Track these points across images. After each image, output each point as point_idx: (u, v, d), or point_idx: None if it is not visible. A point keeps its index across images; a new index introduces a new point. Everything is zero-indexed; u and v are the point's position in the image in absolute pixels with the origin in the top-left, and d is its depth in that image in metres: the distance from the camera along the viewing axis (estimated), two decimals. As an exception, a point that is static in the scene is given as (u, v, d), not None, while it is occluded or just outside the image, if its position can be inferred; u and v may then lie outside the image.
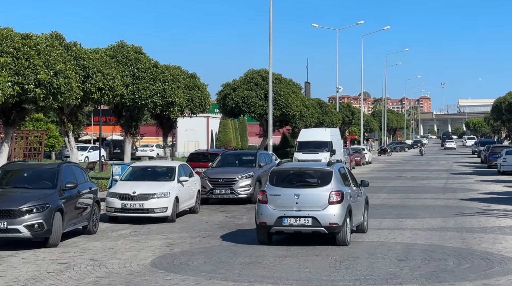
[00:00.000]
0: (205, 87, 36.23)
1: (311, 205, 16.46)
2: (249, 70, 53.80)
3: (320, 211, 16.34)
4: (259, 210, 16.85)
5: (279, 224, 16.47)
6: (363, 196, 19.07)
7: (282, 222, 16.44)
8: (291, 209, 16.48)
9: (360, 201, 18.48)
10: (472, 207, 25.76)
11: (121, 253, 15.62)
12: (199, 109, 35.54)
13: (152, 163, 25.49)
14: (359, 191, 18.56)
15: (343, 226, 16.37)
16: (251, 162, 28.62)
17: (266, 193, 16.90)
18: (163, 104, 30.85)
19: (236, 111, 52.35)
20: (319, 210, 16.36)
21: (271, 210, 16.59)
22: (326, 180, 16.88)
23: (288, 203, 16.55)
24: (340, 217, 16.33)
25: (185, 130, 66.44)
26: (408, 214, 23.76)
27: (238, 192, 26.73)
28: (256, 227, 17.13)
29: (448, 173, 50.09)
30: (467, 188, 35.39)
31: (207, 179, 26.90)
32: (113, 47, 30.68)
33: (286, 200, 16.59)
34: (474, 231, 19.19)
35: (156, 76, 30.58)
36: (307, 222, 16.34)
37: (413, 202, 28.21)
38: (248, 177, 27.08)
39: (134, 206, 20.87)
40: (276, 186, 17.00)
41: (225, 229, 19.94)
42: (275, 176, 17.33)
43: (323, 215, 16.28)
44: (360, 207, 18.39)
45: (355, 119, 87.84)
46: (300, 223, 16.39)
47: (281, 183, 17.10)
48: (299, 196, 16.52)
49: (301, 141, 46.56)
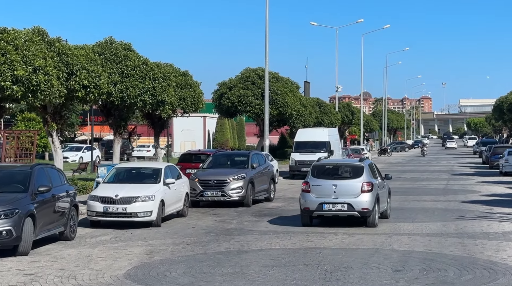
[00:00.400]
0: (197, 86, 35.10)
1: (346, 193, 19.72)
2: (245, 69, 52.76)
3: (354, 198, 19.66)
4: (303, 197, 20.24)
5: (320, 209, 19.84)
6: (387, 187, 22.17)
7: (323, 207, 19.78)
8: (330, 196, 19.77)
9: (385, 191, 21.66)
10: (473, 210, 24.65)
11: (95, 262, 14.48)
12: (192, 109, 34.41)
13: (137, 164, 24.34)
14: (383, 183, 21.67)
15: (372, 211, 19.73)
16: (244, 163, 27.50)
17: (309, 183, 20.12)
18: (153, 103, 29.71)
19: (232, 110, 51.26)
20: (353, 197, 19.67)
21: (313, 198, 19.92)
22: (358, 173, 20.13)
23: (327, 191, 19.82)
24: (370, 203, 19.64)
25: (182, 130, 65.38)
26: (407, 217, 22.63)
27: (230, 194, 25.63)
28: (300, 212, 20.48)
29: (449, 173, 48.98)
30: (468, 190, 34.26)
31: (197, 180, 25.80)
32: (101, 44, 29.55)
33: (326, 189, 19.87)
34: (476, 237, 18.06)
35: (146, 74, 29.45)
36: (343, 207, 19.68)
37: (412, 204, 27.08)
38: (240, 178, 25.97)
39: (116, 210, 19.74)
40: (317, 178, 20.23)
41: (212, 234, 18.81)
42: (316, 170, 20.56)
43: (356, 202, 19.61)
44: (385, 195, 21.58)
45: (355, 119, 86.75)
46: (338, 208, 19.75)
47: (321, 175, 20.32)
48: (337, 186, 19.86)
49: (298, 141, 45.41)
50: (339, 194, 19.75)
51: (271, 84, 50.64)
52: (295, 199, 29.31)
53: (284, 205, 26.97)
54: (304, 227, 20.09)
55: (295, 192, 33.05)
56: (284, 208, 25.89)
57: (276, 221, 21.74)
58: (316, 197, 19.91)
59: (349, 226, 19.91)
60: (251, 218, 22.77)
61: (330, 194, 19.78)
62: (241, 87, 50.90)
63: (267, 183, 28.38)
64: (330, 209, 19.77)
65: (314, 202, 19.85)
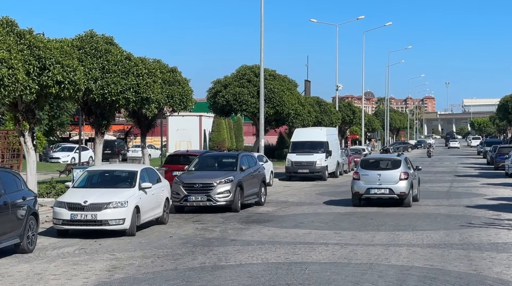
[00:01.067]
0: (187, 83, 33.14)
1: (388, 180, 25.50)
2: (241, 66, 50.78)
3: (394, 184, 25.39)
4: (354, 184, 25.87)
5: (368, 192, 25.63)
6: (417, 176, 28.08)
7: (370, 191, 25.58)
8: (375, 183, 25.54)
9: (416, 179, 27.57)
10: (479, 216, 22.74)
11: (45, 282, 12.60)
12: (180, 107, 32.48)
13: (111, 166, 22.40)
14: (415, 173, 27.59)
15: (408, 194, 25.54)
16: (232, 165, 25.59)
17: (359, 173, 25.86)
18: (136, 100, 27.74)
19: (227, 109, 49.28)
20: (393, 184, 25.40)
21: (362, 184, 25.66)
22: (397, 165, 26.06)
23: (373, 179, 25.61)
24: (406, 188, 25.43)
25: (177, 130, 63.40)
26: (407, 225, 20.74)
27: (216, 199, 23.74)
28: (352, 195, 26.22)
29: (453, 175, 47.05)
30: (473, 193, 32.35)
31: (181, 184, 23.93)
32: (81, 37, 27.64)
33: (372, 177, 25.65)
34: (484, 249, 16.15)
35: (129, 70, 27.48)
36: (385, 191, 25.43)
37: (413, 209, 25.19)
38: (227, 182, 24.07)
39: (85, 217, 17.85)
40: (365, 169, 26.11)
41: (189, 245, 16.93)
42: (364, 163, 26.82)
43: (396, 187, 25.34)
44: (416, 183, 27.37)
45: (356, 118, 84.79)
46: (381, 192, 25.54)
47: (368, 167, 26.30)
48: (380, 175, 25.66)
49: (295, 141, 43.47)
50: (382, 181, 25.56)
51: (268, 82, 48.73)
52: (288, 203, 27.46)
53: (275, 210, 25.08)
54: (292, 237, 18.22)
55: (289, 195, 31.19)
56: (275, 214, 24.00)
57: (263, 229, 19.85)
58: (364, 183, 25.69)
59: (389, 206, 25.65)
60: (237, 225, 20.90)
61: (375, 181, 25.61)
62: (236, 85, 48.94)
63: (258, 186, 26.49)
64: (375, 193, 25.64)
65: (363, 187, 25.65)
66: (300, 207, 26.35)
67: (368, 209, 25.13)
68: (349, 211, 24.68)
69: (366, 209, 25.28)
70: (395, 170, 25.75)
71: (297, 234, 18.84)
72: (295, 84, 53.29)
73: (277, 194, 32.37)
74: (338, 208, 25.68)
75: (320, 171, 41.85)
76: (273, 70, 51.68)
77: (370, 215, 23.38)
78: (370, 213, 23.85)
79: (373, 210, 24.93)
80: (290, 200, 29.10)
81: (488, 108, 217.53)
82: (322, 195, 31.68)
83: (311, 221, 21.85)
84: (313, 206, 26.74)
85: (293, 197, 30.72)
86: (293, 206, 26.76)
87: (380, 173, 25.79)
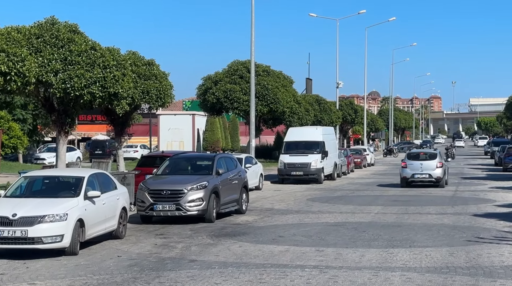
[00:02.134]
0: (165, 77, 30.09)
1: (428, 168, 34.63)
2: (233, 61, 47.92)
3: (432, 171, 34.57)
4: (402, 171, 35.23)
5: (412, 177, 34.78)
6: (447, 166, 37.56)
7: (414, 176, 34.72)
8: (418, 170, 34.68)
9: (447, 168, 36.67)
10: (489, 228, 19.67)
11: None
12: (157, 103, 29.44)
13: (54, 172, 19.26)
14: (446, 163, 38.89)
15: (443, 178, 34.77)
16: (208, 169, 22.48)
17: (406, 162, 35.07)
18: (103, 96, 24.69)
19: (217, 107, 46.36)
20: (432, 170, 34.56)
21: (408, 171, 34.87)
22: (435, 156, 35.27)
23: (416, 167, 34.76)
24: (441, 174, 34.59)
25: (169, 129, 60.38)
26: (404, 239, 17.68)
27: (187, 208, 20.66)
28: (400, 179, 35.62)
29: (459, 177, 43.94)
30: (481, 198, 29.28)
31: (146, 190, 20.89)
32: (40, 25, 24.63)
33: (416, 166, 34.83)
34: (495, 275, 13.07)
35: (94, 61, 24.45)
36: (426, 176, 34.66)
37: (412, 218, 22.14)
38: (200, 188, 20.99)
39: (13, 234, 14.76)
40: (410, 160, 35.23)
41: (136, 269, 13.88)
42: (409, 155, 36.20)
43: (434, 173, 34.59)
44: (447, 171, 36.57)
45: (358, 118, 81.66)
46: (423, 177, 34.66)
47: (412, 158, 35.50)
48: (422, 164, 34.79)
49: (288, 141, 40.39)
50: (424, 169, 34.80)
51: (261, 78, 45.80)
52: (272, 211, 24.46)
53: (255, 220, 22.02)
54: (264, 257, 15.16)
55: (277, 201, 28.16)
56: (254, 224, 20.93)
57: (234, 245, 16.79)
58: (410, 170, 34.95)
59: (428, 187, 34.73)
60: (205, 239, 17.86)
61: (418, 169, 34.84)
62: (227, 82, 46.04)
63: (238, 192, 23.42)
64: (418, 177, 34.88)
65: (409, 173, 34.99)
66: (285, 216, 23.31)
67: (363, 218, 22.08)
68: (339, 221, 21.63)
69: (361, 218, 22.24)
70: (433, 160, 35.22)
71: (272, 252, 15.79)
72: (291, 80, 50.24)
73: (264, 199, 29.33)
74: (329, 217, 22.65)
75: (315, 173, 38.76)
76: (267, 66, 48.76)
77: (363, 226, 20.33)
78: (364, 224, 20.81)
79: (368, 219, 21.89)
80: (276, 207, 26.06)
81: (495, 108, 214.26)
82: (313, 201, 28.62)
83: (293, 234, 18.80)
84: (300, 214, 23.70)
85: (281, 203, 27.67)
86: (277, 214, 23.73)
87: (422, 162, 35.22)
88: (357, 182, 40.86)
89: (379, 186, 37.07)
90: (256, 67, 47.50)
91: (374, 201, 28.48)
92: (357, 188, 35.93)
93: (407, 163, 35.00)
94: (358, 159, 55.40)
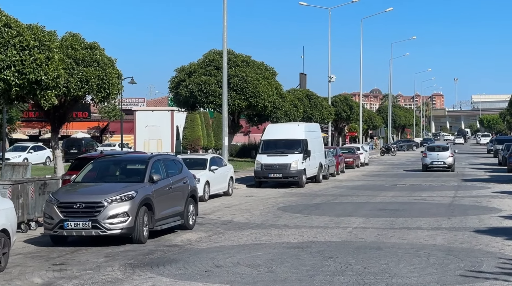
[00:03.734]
0: (111, 64, 25.52)
1: (442, 158, 47.52)
2: (209, 51, 43.35)
3: (446, 159, 47.39)
4: (423, 160, 48.54)
5: (431, 164, 47.59)
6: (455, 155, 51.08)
7: (432, 163, 47.68)
8: (435, 159, 47.66)
9: (456, 157, 51.41)
10: (494, 252, 15.10)
11: None
12: (100, 95, 24.86)
13: None
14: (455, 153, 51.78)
15: (453, 165, 47.72)
16: (139, 174, 17.86)
17: (426, 153, 48.73)
18: (21, 84, 20.17)
19: (191, 102, 41.74)
20: (446, 159, 47.39)
21: (428, 159, 48.02)
22: (447, 149, 49.13)
23: (434, 157, 47.87)
24: (453, 161, 47.60)
25: (146, 126, 55.79)
26: (380, 271, 13.09)
27: (106, 226, 16.07)
28: (421, 166, 48.87)
29: (459, 178, 39.42)
30: (483, 206, 24.75)
31: (55, 203, 16.32)
32: None
33: (433, 156, 47.95)
34: None
35: (9, 41, 19.98)
36: (441, 163, 47.45)
37: (398, 236, 17.58)
38: (125, 199, 16.40)
39: None
40: (429, 151, 48.89)
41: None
42: (428, 148, 50.64)
43: (447, 161, 47.32)
44: (455, 159, 49.23)
45: (354, 114, 77.04)
46: (439, 164, 47.39)
47: (431, 150, 49.27)
48: (438, 154, 47.86)
49: (266, 140, 35.80)
50: (439, 158, 47.17)
51: (240, 69, 41.26)
52: (229, 225, 19.98)
53: (201, 239, 17.46)
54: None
55: (241, 211, 23.67)
56: (194, 246, 16.36)
57: (145, 284, 12.21)
58: (429, 159, 47.51)
59: (442, 171, 46.31)
60: (115, 272, 13.29)
61: (435, 158, 47.28)
62: (202, 73, 41.48)
63: (182, 204, 18.82)
64: (435, 164, 47.20)
65: (429, 161, 47.50)
66: (241, 231, 18.74)
67: (336, 236, 17.50)
68: (305, 240, 17.08)
69: (333, 235, 17.66)
70: (446, 152, 47.71)
71: (189, 296, 11.24)
72: (274, 72, 45.51)
73: (227, 208, 24.82)
74: (294, 234, 18.09)
75: (296, 175, 34.19)
76: (247, 56, 44.15)
77: (332, 248, 15.74)
78: (334, 245, 16.23)
79: (342, 236, 17.31)
80: (235, 219, 21.51)
81: (498, 105, 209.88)
82: (284, 210, 24.06)
83: (236, 262, 14.22)
84: (260, 229, 19.14)
85: (244, 214, 23.11)
86: (232, 229, 19.17)
87: (438, 153, 47.64)
88: (344, 185, 36.31)
89: (368, 190, 32.54)
90: (234, 57, 43.10)
91: (357, 210, 23.92)
92: (342, 192, 31.36)
93: (427, 154, 48.12)
94: (350, 158, 50.88)
